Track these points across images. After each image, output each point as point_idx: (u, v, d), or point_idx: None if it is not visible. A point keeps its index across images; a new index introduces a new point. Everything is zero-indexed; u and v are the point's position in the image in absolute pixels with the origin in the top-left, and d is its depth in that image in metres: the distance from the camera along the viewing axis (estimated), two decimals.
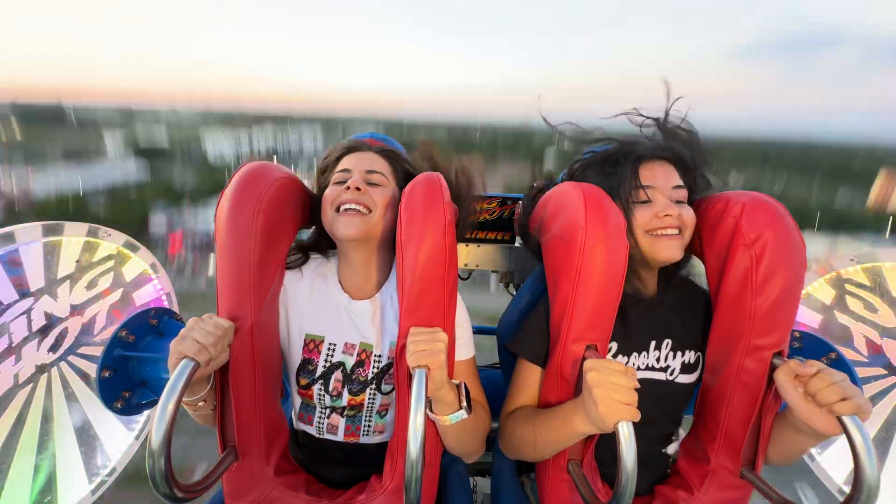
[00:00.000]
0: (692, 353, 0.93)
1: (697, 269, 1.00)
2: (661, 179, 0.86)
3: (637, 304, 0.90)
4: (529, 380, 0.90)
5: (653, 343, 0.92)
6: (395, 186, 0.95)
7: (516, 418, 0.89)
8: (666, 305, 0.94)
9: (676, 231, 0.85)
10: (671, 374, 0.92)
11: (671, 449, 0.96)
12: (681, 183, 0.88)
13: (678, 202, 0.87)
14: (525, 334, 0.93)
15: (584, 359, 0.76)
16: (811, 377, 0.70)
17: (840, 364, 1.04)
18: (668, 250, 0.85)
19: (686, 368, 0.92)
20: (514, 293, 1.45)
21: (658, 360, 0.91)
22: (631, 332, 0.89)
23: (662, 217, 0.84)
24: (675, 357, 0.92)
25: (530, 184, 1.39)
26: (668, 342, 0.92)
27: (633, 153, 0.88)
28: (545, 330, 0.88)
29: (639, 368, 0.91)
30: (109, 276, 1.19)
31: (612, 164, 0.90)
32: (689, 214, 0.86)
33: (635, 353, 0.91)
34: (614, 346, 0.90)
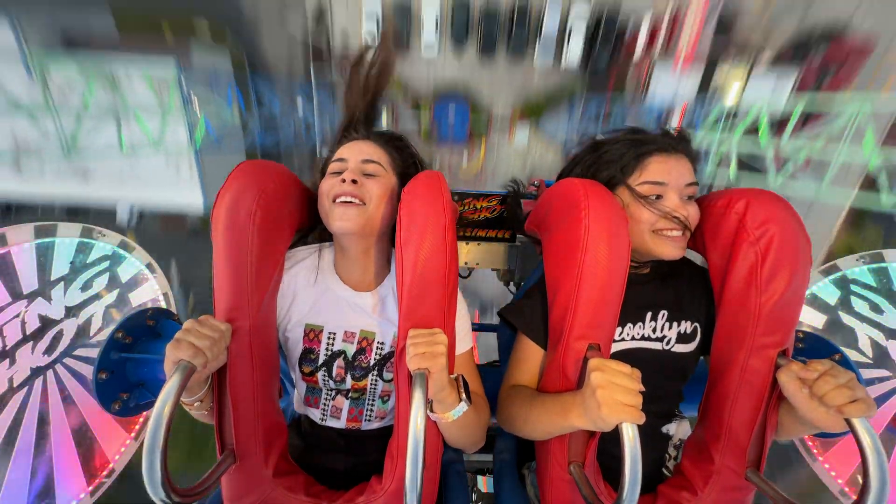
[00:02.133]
0: (688, 322, 0.94)
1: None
2: (675, 175, 0.84)
3: (632, 278, 0.89)
4: (529, 358, 0.90)
5: (648, 314, 0.92)
6: (393, 176, 0.93)
7: (515, 395, 0.89)
8: (660, 279, 0.95)
9: (681, 232, 0.85)
10: (667, 343, 0.92)
11: (671, 429, 0.96)
12: (694, 180, 0.86)
13: (689, 197, 0.86)
14: (522, 308, 0.93)
15: (586, 358, 0.76)
16: (816, 380, 0.69)
17: (844, 366, 1.04)
18: (672, 251, 0.85)
19: (682, 338, 0.93)
20: (515, 291, 1.45)
21: (654, 330, 0.92)
22: (626, 305, 0.87)
23: (672, 218, 0.83)
24: (670, 327, 0.93)
25: (530, 181, 1.38)
26: (663, 313, 0.93)
27: (649, 144, 0.86)
28: (541, 310, 0.88)
29: (633, 338, 0.91)
30: (105, 276, 1.18)
31: (623, 152, 0.87)
32: (694, 212, 0.86)
33: (629, 325, 0.91)
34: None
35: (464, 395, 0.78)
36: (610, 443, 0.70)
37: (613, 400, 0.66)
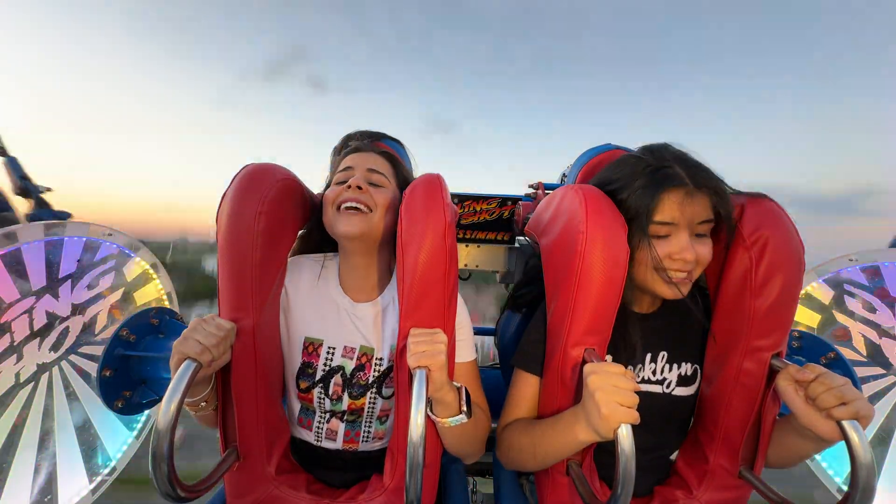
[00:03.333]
0: (689, 365, 0.92)
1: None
2: (688, 214, 0.77)
3: (633, 317, 0.89)
4: (527, 391, 0.90)
5: (648, 356, 0.91)
6: (395, 188, 0.95)
7: (514, 430, 0.88)
8: (662, 319, 0.93)
9: (685, 274, 0.79)
10: (668, 386, 0.91)
11: (673, 455, 0.96)
12: (709, 217, 0.78)
13: (699, 235, 0.79)
14: (524, 348, 0.92)
15: (583, 362, 0.76)
16: (811, 382, 0.70)
17: (839, 364, 1.05)
18: (671, 292, 0.80)
19: (683, 381, 0.91)
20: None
21: (654, 372, 0.91)
22: (627, 346, 0.88)
23: (676, 260, 0.78)
24: (671, 370, 0.91)
25: (530, 184, 1.40)
26: (664, 355, 0.91)
27: (664, 182, 0.76)
28: (543, 340, 0.87)
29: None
30: (111, 275, 1.20)
31: (644, 194, 0.78)
32: (705, 252, 0.79)
33: (630, 367, 0.90)
34: (609, 358, 0.89)
35: (465, 408, 0.78)
36: (605, 443, 0.70)
37: (611, 402, 0.66)
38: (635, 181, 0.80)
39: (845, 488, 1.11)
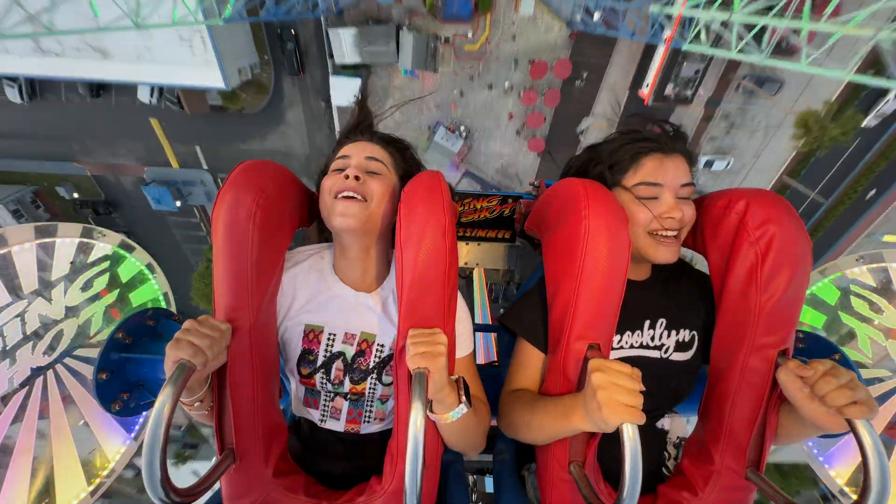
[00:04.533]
0: (687, 331, 0.93)
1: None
2: (671, 176, 0.84)
3: (630, 285, 0.89)
4: (529, 361, 0.90)
5: (647, 322, 0.92)
6: (394, 177, 0.94)
7: (517, 399, 0.88)
8: (659, 286, 0.95)
9: (675, 233, 0.85)
10: (665, 352, 0.92)
11: (665, 424, 0.96)
12: (690, 180, 0.86)
13: (683, 198, 0.85)
14: (521, 312, 0.92)
15: (586, 358, 0.76)
16: (817, 380, 0.69)
17: (844, 365, 1.03)
18: (665, 255, 0.85)
19: (680, 347, 0.93)
20: (514, 291, 1.46)
21: (653, 338, 0.92)
22: (625, 312, 0.87)
23: (666, 219, 0.83)
24: (669, 336, 0.92)
25: (530, 182, 1.38)
26: (662, 321, 0.92)
27: (645, 142, 0.85)
28: (541, 312, 0.88)
29: (632, 346, 0.91)
30: (105, 277, 1.18)
31: (616, 150, 0.87)
32: (690, 213, 0.85)
33: (628, 332, 0.91)
34: (616, 337, 0.89)
35: (464, 398, 0.78)
36: (611, 443, 0.70)
37: (614, 401, 0.66)
38: (614, 147, 0.87)
39: (847, 489, 1.11)
